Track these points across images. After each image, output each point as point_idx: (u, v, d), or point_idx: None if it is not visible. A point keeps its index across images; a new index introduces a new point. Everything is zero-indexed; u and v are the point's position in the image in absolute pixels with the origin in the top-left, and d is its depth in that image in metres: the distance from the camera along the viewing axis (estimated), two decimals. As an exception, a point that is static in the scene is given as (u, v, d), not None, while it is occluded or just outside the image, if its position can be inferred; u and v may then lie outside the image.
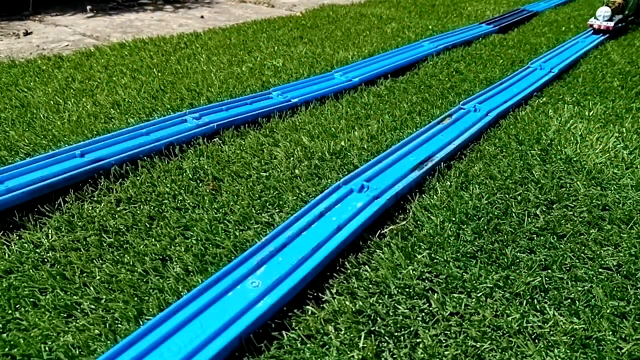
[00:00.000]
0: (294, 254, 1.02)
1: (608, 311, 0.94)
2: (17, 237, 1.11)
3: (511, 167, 1.45)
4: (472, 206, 1.25)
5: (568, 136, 1.65)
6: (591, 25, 2.88)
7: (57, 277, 0.99)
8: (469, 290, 0.98)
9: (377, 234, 1.15)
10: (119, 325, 0.89)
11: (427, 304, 0.95)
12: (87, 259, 1.05)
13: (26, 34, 2.83)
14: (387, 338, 0.88)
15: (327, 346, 0.86)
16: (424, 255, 1.07)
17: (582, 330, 0.90)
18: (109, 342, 0.85)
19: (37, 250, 1.07)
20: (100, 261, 1.04)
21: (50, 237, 1.11)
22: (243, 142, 1.55)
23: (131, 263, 1.03)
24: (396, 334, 0.88)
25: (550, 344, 0.87)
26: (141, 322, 0.89)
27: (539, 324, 0.91)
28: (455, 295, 0.97)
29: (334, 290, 0.98)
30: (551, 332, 0.90)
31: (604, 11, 2.86)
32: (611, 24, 2.85)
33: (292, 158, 1.46)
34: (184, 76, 2.09)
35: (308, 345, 0.86)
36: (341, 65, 2.27)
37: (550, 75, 2.17)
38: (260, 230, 1.15)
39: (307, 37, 2.79)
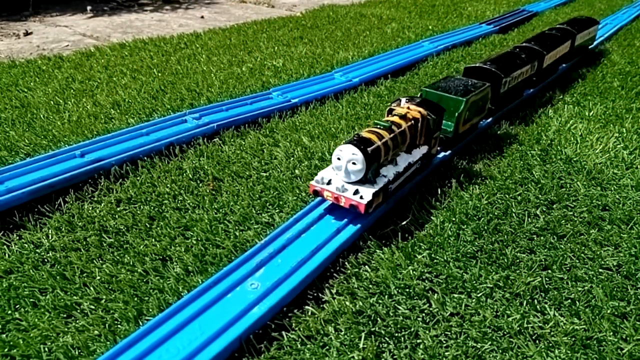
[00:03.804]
0: (293, 256, 1.02)
1: (608, 311, 0.94)
2: (17, 237, 1.11)
3: (511, 167, 1.44)
4: (472, 206, 1.24)
5: (568, 136, 1.64)
6: (316, 192, 1.13)
7: (57, 277, 0.99)
8: (469, 290, 0.98)
9: (377, 234, 1.15)
10: (119, 325, 0.89)
11: (428, 305, 0.95)
12: (87, 259, 1.04)
13: (26, 34, 2.83)
14: (387, 339, 0.88)
15: (327, 347, 0.86)
16: (424, 256, 1.07)
17: (583, 331, 0.90)
18: (108, 342, 0.85)
19: (37, 250, 1.07)
20: (100, 261, 1.04)
21: (50, 238, 1.11)
22: (243, 142, 1.55)
23: (131, 263, 1.03)
24: (396, 334, 0.88)
25: (550, 344, 0.87)
26: (141, 323, 0.89)
27: (540, 324, 0.91)
28: (456, 295, 0.97)
29: (334, 291, 0.98)
30: (552, 333, 0.89)
31: (347, 159, 1.09)
32: (368, 194, 1.08)
33: (292, 158, 1.46)
34: (184, 76, 2.09)
35: (308, 346, 0.86)
36: (341, 66, 2.27)
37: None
38: (260, 230, 1.15)
39: (307, 38, 2.79)
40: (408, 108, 1.27)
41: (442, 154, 1.47)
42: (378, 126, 1.17)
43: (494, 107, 1.71)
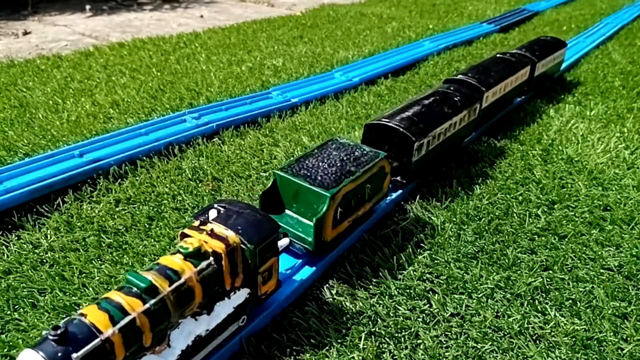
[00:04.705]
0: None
1: (609, 312, 0.94)
2: (16, 238, 1.10)
3: (512, 167, 1.44)
4: (473, 206, 1.24)
5: (569, 136, 1.64)
6: None
7: (56, 277, 0.99)
8: (469, 291, 0.98)
9: (378, 234, 1.14)
10: (118, 326, 0.89)
11: (428, 305, 0.94)
12: (86, 260, 1.04)
13: (25, 33, 2.83)
14: (387, 339, 0.87)
15: (327, 347, 0.86)
16: (424, 256, 1.06)
17: (584, 331, 0.89)
18: (107, 343, 0.85)
19: (36, 250, 1.07)
20: (99, 262, 1.04)
21: (49, 238, 1.10)
22: (242, 142, 1.54)
23: (130, 264, 1.03)
24: (397, 335, 0.88)
25: (551, 345, 0.87)
26: (140, 324, 0.89)
27: (540, 324, 0.91)
28: (456, 296, 0.97)
29: (334, 291, 0.97)
30: (552, 333, 0.89)
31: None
32: None
33: (292, 158, 1.45)
34: (183, 76, 2.09)
35: (308, 346, 0.85)
36: (341, 65, 2.26)
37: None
38: (260, 230, 1.14)
39: (307, 37, 2.78)
40: (210, 232, 0.74)
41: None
42: (129, 288, 0.64)
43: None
